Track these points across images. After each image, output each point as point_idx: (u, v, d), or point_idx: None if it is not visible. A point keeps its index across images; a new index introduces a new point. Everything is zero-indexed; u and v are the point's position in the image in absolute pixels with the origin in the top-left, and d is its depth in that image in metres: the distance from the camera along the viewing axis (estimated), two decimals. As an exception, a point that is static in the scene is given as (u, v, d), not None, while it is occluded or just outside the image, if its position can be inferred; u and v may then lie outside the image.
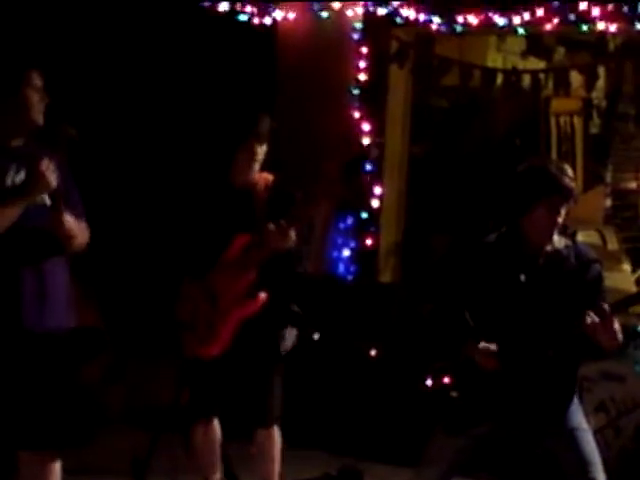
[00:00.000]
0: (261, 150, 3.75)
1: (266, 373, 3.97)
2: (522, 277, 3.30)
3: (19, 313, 3.22)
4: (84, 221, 3.36)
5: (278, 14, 5.69)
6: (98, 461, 4.53)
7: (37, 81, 3.13)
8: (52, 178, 3.05)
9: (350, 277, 5.70)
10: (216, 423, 4.06)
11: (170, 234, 4.25)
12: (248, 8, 5.67)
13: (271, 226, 3.58)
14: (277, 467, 4.12)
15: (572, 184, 3.26)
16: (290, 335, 4.09)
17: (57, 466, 3.39)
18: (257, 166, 3.79)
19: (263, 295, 3.78)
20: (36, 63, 3.13)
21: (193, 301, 3.89)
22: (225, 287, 3.87)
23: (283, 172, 4.48)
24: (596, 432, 3.77)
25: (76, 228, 3.27)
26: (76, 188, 3.37)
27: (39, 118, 3.05)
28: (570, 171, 3.35)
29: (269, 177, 3.91)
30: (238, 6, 5.69)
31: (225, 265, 3.86)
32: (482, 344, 3.24)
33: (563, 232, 3.37)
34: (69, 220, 3.18)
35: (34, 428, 3.32)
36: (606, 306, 3.05)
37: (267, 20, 5.72)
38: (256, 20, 5.74)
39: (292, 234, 3.59)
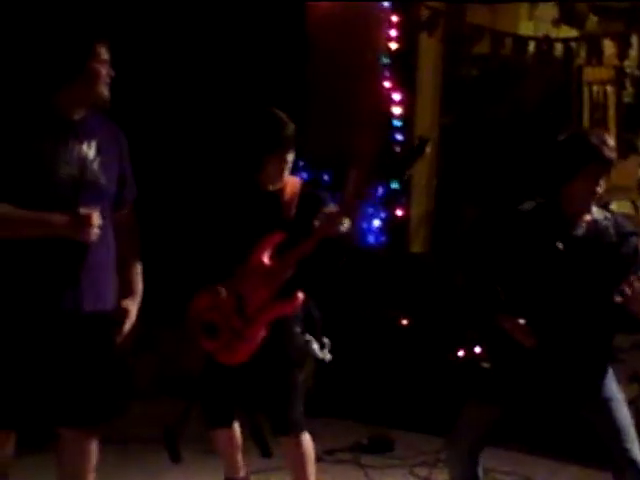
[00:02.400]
0: (290, 157, 3.70)
1: (285, 380, 3.83)
2: (560, 246, 3.28)
3: (79, 295, 3.11)
4: (130, 203, 3.29)
5: None
6: (131, 429, 4.60)
7: (105, 55, 3.08)
8: (92, 233, 2.94)
9: (381, 247, 5.73)
10: (236, 427, 3.96)
11: (196, 229, 4.11)
12: None
13: (320, 219, 3.51)
14: (309, 473, 3.91)
15: (612, 154, 3.22)
16: (318, 344, 4.01)
17: (95, 441, 3.37)
18: (287, 172, 3.74)
19: (301, 295, 3.63)
20: (104, 35, 3.06)
21: (217, 304, 3.75)
22: (253, 292, 3.72)
23: (315, 142, 4.44)
24: (630, 402, 3.71)
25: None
26: (130, 168, 3.28)
27: (105, 91, 2.99)
28: (611, 141, 3.33)
29: (297, 181, 3.88)
30: None
31: (252, 268, 3.70)
32: (521, 320, 3.26)
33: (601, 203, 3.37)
34: None
35: (75, 406, 3.27)
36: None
37: None
38: None
39: (345, 219, 3.51)
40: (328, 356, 3.94)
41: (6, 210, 2.94)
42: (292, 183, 3.75)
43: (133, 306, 3.24)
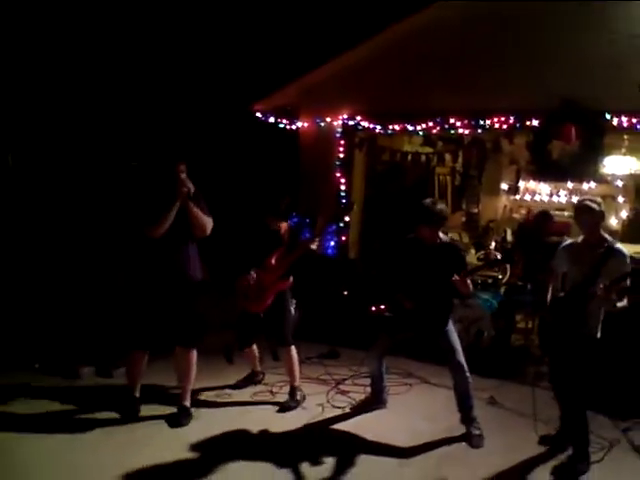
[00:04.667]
0: (282, 225, 5.35)
1: (283, 318, 5.37)
2: (424, 257, 4.76)
3: (179, 269, 4.78)
4: (210, 217, 4.81)
5: (299, 124, 8.62)
6: (207, 348, 5.54)
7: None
8: (190, 185, 4.57)
9: (334, 256, 8.21)
10: (254, 346, 5.66)
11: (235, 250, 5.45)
12: (284, 120, 8.69)
13: (304, 242, 5.21)
14: (296, 368, 5.44)
15: (446, 215, 4.91)
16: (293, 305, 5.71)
17: (194, 354, 4.99)
18: (280, 222, 5.35)
19: (291, 279, 5.33)
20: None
21: (248, 283, 5.21)
22: (267, 276, 5.28)
23: (303, 204, 6.76)
24: (458, 333, 5.13)
25: (203, 218, 4.74)
26: (203, 200, 4.83)
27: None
28: (446, 209, 5.02)
29: (286, 225, 5.40)
30: (279, 119, 8.68)
31: (267, 265, 5.31)
32: (405, 297, 4.78)
33: (444, 233, 4.97)
34: (198, 212, 4.71)
35: (179, 334, 4.87)
36: (464, 272, 4.59)
37: (294, 127, 8.66)
38: (288, 127, 8.69)
39: (316, 243, 5.23)
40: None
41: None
42: (284, 225, 5.40)
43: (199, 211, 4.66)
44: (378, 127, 8.05)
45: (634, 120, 6.55)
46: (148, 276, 4.83)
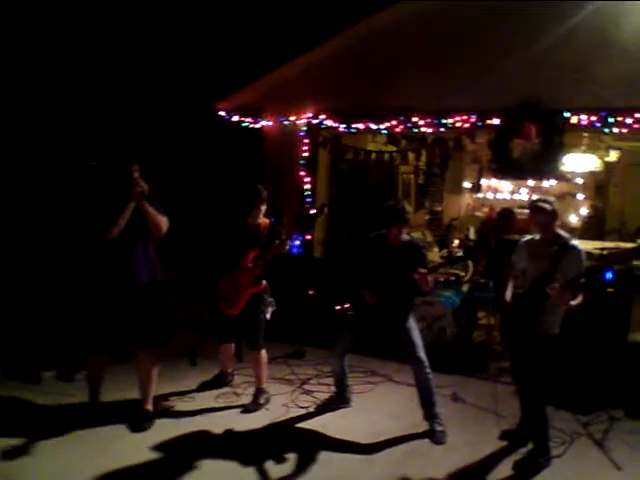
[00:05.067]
0: (263, 208, 5.28)
1: (256, 322, 5.35)
2: (386, 255, 4.87)
3: (135, 270, 4.68)
4: (164, 216, 4.74)
5: (263, 122, 8.56)
6: (169, 350, 5.75)
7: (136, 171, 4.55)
8: (143, 184, 4.51)
9: (300, 255, 8.05)
10: (232, 345, 5.71)
11: (212, 248, 5.52)
12: (248, 119, 8.62)
13: (277, 242, 5.13)
14: (264, 372, 5.48)
15: (409, 215, 4.90)
16: (271, 305, 5.54)
17: (155, 357, 4.95)
18: (262, 215, 5.29)
19: (264, 282, 5.35)
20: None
21: (226, 285, 5.26)
22: (242, 278, 5.26)
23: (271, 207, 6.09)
24: (421, 330, 5.23)
25: (158, 217, 4.67)
26: (157, 200, 4.78)
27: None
28: (409, 208, 4.99)
29: (267, 221, 5.34)
30: (242, 118, 8.61)
31: (244, 266, 5.27)
32: (369, 293, 4.80)
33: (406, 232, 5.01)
34: (154, 212, 4.64)
35: (139, 337, 4.79)
36: (425, 269, 4.66)
37: (258, 125, 8.60)
38: (252, 125, 8.62)
39: (287, 245, 5.19)
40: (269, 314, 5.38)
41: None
42: (264, 222, 5.31)
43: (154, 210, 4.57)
44: (342, 126, 8.02)
45: (593, 118, 6.65)
46: (102, 278, 4.77)
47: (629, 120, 6.45)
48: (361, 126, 7.96)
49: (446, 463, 4.56)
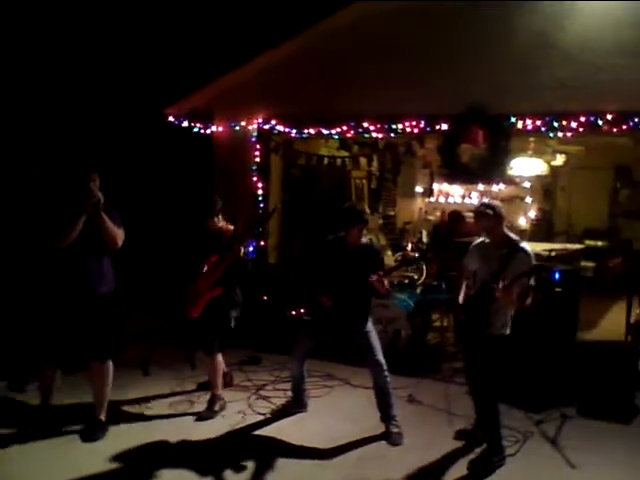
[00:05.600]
0: (220, 215, 5.39)
1: (212, 326, 5.30)
2: (345, 258, 4.88)
3: (89, 281, 4.60)
4: (121, 230, 4.67)
5: (214, 128, 8.53)
6: (122, 361, 5.43)
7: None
8: (99, 195, 4.39)
9: (254, 260, 7.03)
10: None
11: (175, 254, 5.68)
12: (198, 124, 8.59)
13: (237, 247, 5.10)
14: (219, 379, 5.51)
15: (367, 216, 4.98)
16: (235, 312, 5.44)
17: (108, 367, 4.86)
18: (221, 220, 5.38)
19: (220, 289, 5.24)
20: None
21: (189, 289, 5.25)
22: (204, 282, 5.23)
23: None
24: (377, 333, 5.19)
25: (114, 230, 4.58)
26: (115, 211, 4.69)
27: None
28: (367, 209, 5.23)
29: (230, 227, 5.36)
30: (192, 123, 8.60)
31: (205, 271, 5.28)
32: (325, 296, 4.79)
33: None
34: (109, 224, 4.52)
35: (93, 348, 4.72)
36: (381, 272, 4.71)
37: (208, 131, 8.57)
38: (202, 131, 8.58)
39: (242, 250, 5.10)
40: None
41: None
42: (228, 227, 5.35)
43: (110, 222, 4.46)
44: (294, 131, 8.07)
45: (538, 122, 6.80)
46: (55, 288, 4.69)
47: (573, 124, 6.63)
48: (312, 131, 7.99)
49: (402, 465, 4.57)
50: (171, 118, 8.68)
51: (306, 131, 8.04)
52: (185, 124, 8.63)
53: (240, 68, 8.34)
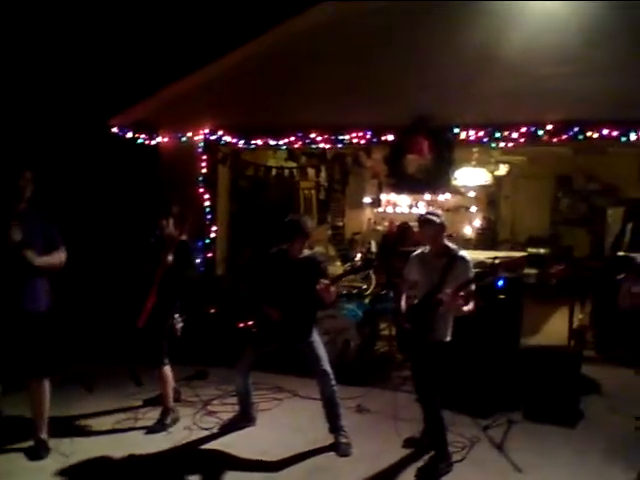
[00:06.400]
0: (172, 221, 5.40)
1: (154, 338, 5.31)
2: (288, 270, 4.95)
3: (27, 298, 4.53)
4: (62, 250, 4.60)
5: (159, 139, 8.51)
6: (64, 377, 5.77)
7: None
8: (18, 235, 4.33)
9: (200, 272, 7.89)
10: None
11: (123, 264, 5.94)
12: (142, 135, 8.52)
13: (164, 255, 5.12)
14: (169, 390, 5.48)
15: (311, 229, 5.05)
16: (180, 319, 5.55)
17: (46, 385, 4.78)
18: (172, 226, 5.40)
19: (154, 297, 5.15)
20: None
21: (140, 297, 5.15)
22: (149, 291, 5.24)
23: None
24: (325, 344, 5.26)
25: (52, 262, 4.53)
26: (55, 227, 4.59)
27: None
28: (311, 223, 5.20)
29: (180, 237, 5.34)
30: (137, 134, 8.53)
31: (155, 284, 5.24)
32: (272, 308, 4.85)
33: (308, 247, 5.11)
34: (43, 260, 4.47)
35: (30, 367, 4.68)
36: (327, 281, 4.76)
37: (153, 142, 8.53)
38: (147, 142, 8.53)
39: (168, 260, 5.07)
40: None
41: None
42: (177, 237, 5.29)
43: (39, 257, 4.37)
44: (241, 142, 8.10)
45: (480, 133, 6.96)
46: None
47: (515, 135, 6.80)
48: (260, 142, 8.02)
49: (351, 475, 4.57)
50: (115, 129, 8.57)
51: (253, 142, 8.07)
52: (130, 135, 8.55)
53: (186, 78, 8.29)
